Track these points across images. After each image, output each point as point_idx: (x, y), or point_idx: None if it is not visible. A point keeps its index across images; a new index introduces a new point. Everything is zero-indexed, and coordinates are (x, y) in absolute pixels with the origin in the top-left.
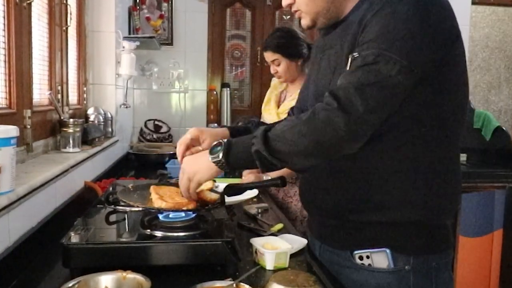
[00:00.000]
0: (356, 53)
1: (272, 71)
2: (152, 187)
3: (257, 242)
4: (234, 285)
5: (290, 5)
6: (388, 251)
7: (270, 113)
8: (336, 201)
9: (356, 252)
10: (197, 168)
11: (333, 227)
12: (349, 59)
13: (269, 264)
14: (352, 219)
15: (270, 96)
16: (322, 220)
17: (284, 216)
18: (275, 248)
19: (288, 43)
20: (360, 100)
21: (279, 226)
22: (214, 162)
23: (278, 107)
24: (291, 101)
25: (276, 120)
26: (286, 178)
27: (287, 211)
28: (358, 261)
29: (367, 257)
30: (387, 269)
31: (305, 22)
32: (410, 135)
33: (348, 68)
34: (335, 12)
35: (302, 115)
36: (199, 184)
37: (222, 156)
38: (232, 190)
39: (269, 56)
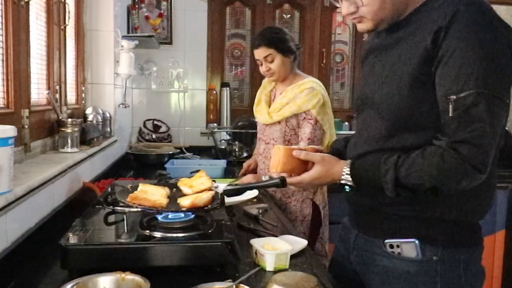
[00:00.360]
0: (453, 96)
1: (264, 69)
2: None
3: (257, 243)
4: (234, 286)
5: (351, 13)
6: (417, 242)
7: (262, 114)
8: (373, 196)
9: (387, 241)
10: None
11: (369, 217)
12: (449, 102)
13: (269, 265)
14: (385, 211)
15: (260, 96)
16: (360, 211)
17: (284, 216)
18: (275, 249)
19: (281, 38)
20: (482, 155)
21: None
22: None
23: (269, 106)
24: (281, 99)
25: (268, 120)
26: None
27: (285, 211)
28: (389, 249)
29: (397, 246)
30: (415, 258)
31: (366, 26)
32: None
33: (450, 112)
34: (397, 16)
35: (427, 155)
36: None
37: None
38: (232, 190)
39: (261, 52)
